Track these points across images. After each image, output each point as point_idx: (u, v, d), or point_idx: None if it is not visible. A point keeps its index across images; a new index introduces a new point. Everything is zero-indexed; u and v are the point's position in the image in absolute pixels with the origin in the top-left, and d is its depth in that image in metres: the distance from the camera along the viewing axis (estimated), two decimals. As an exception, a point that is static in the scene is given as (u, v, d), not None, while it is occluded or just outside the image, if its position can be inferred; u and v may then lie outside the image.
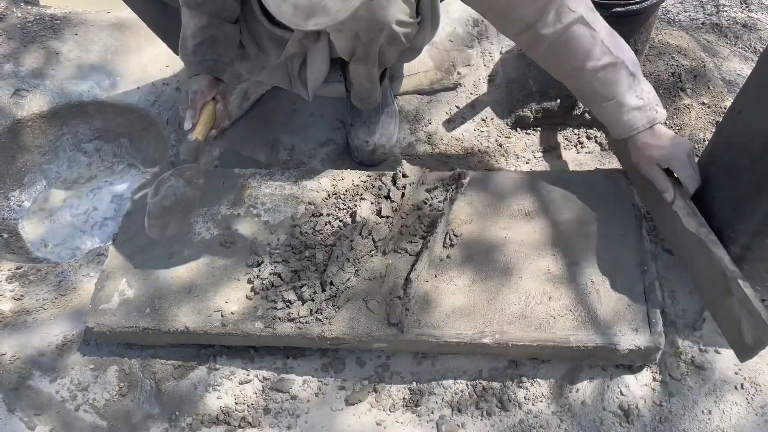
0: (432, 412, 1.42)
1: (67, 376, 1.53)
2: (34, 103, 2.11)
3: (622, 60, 1.35)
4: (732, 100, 1.82)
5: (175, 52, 1.87)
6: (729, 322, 1.28)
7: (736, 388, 1.39)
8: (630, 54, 1.38)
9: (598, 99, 1.40)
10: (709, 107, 1.82)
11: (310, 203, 1.63)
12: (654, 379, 1.41)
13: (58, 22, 2.33)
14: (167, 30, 1.80)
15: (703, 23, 2.13)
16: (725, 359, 1.42)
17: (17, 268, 1.75)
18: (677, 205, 1.37)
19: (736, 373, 1.40)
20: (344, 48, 1.53)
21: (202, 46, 1.54)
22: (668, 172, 1.41)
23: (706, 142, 1.74)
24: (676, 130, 1.79)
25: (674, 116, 1.80)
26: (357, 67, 1.62)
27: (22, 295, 1.67)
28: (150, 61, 2.18)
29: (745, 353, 1.26)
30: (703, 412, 1.36)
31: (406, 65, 1.97)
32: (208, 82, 1.54)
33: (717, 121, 1.80)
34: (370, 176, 1.66)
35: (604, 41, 1.35)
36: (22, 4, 2.42)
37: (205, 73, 1.55)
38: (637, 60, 1.40)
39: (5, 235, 1.97)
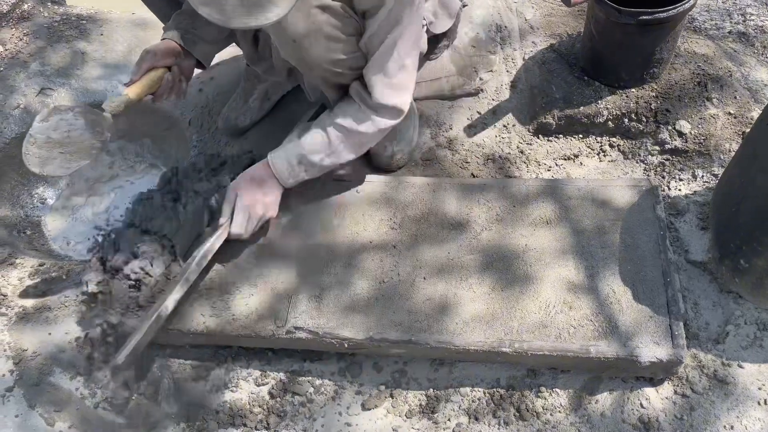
0: (449, 420, 1.41)
1: (86, 373, 1.54)
2: (59, 102, 2.14)
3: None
4: (759, 111, 1.80)
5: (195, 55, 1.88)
6: None
7: (759, 403, 1.36)
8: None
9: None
10: (735, 117, 1.80)
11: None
12: (675, 392, 1.39)
13: (84, 21, 2.36)
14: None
15: (729, 32, 2.10)
16: (748, 374, 1.40)
17: (40, 265, 1.77)
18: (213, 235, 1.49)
19: (759, 389, 1.38)
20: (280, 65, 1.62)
21: (181, 15, 1.54)
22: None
23: (732, 153, 1.72)
24: (702, 140, 1.76)
25: (700, 126, 1.78)
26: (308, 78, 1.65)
27: (44, 292, 1.69)
28: (173, 62, 2.20)
29: None
30: (725, 427, 1.34)
31: (427, 70, 1.96)
32: (167, 47, 1.50)
33: (743, 132, 1.77)
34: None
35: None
36: (48, 3, 2.45)
37: (171, 38, 1.52)
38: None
39: (28, 232, 1.99)
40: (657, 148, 1.80)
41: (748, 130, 1.76)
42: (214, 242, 1.49)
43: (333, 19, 1.37)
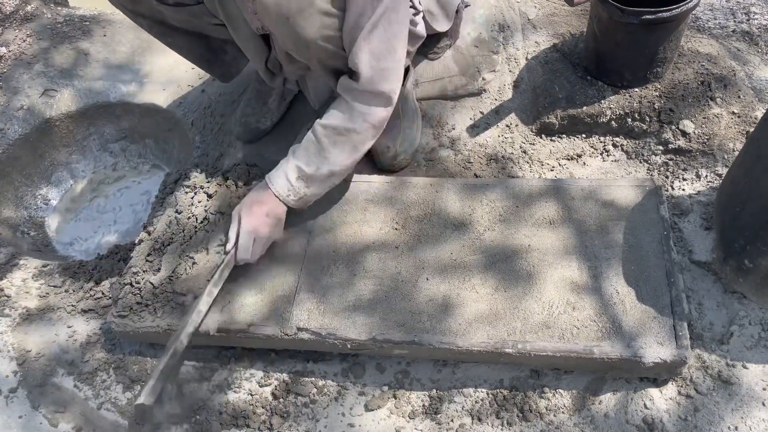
0: (452, 421, 1.41)
1: (90, 374, 1.54)
2: (63, 103, 2.14)
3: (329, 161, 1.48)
4: (763, 110, 1.79)
5: (222, 81, 1.90)
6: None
7: (763, 404, 1.36)
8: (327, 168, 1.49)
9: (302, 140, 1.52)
10: (739, 117, 1.79)
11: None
12: (679, 393, 1.38)
13: (87, 22, 2.36)
14: (211, 62, 1.83)
15: (733, 31, 2.09)
16: (753, 374, 1.39)
17: (43, 266, 1.77)
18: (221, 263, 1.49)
19: (764, 389, 1.37)
20: (288, 71, 1.62)
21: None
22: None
23: (736, 153, 1.71)
24: (705, 140, 1.76)
25: (703, 125, 1.77)
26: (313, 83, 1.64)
27: (47, 293, 1.70)
28: (176, 62, 2.20)
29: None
30: (729, 428, 1.33)
31: (429, 70, 1.96)
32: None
33: (748, 131, 1.76)
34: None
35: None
36: (52, 4, 2.46)
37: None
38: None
39: (32, 233, 2.00)
40: (660, 147, 1.80)
41: (752, 129, 1.75)
42: (222, 271, 1.49)
43: None
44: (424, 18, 1.73)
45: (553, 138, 1.89)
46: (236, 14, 1.53)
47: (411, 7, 1.57)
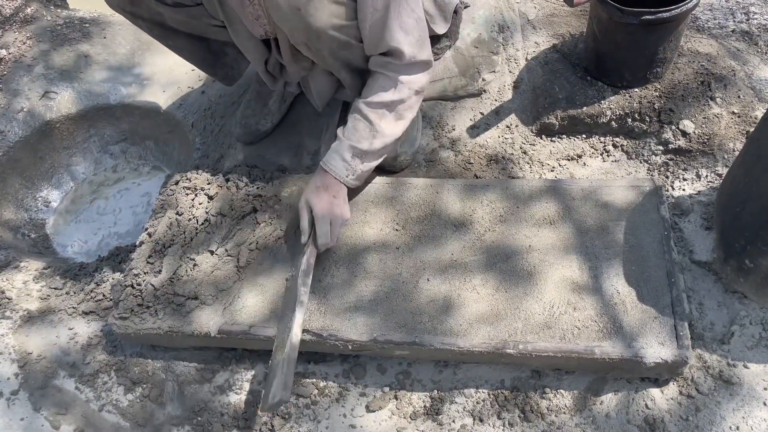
0: (453, 421, 1.41)
1: (91, 376, 1.54)
2: (63, 105, 2.15)
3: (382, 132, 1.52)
4: (763, 110, 1.79)
5: (224, 83, 1.91)
6: (270, 370, 1.37)
7: (765, 404, 1.36)
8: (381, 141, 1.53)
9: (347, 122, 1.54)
10: (739, 116, 1.79)
11: None
12: (680, 393, 1.39)
13: (87, 24, 2.37)
14: (214, 65, 1.84)
15: (732, 31, 2.09)
16: (754, 374, 1.39)
17: (44, 268, 1.77)
18: (303, 255, 1.48)
19: (765, 389, 1.37)
20: (292, 71, 1.63)
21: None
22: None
23: (736, 152, 1.71)
24: (706, 140, 1.76)
25: (703, 125, 1.77)
26: (315, 84, 1.66)
27: (48, 295, 1.70)
28: (176, 64, 2.20)
29: (263, 404, 1.33)
30: (730, 428, 1.33)
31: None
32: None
33: (747, 131, 1.76)
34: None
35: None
36: (52, 7, 2.46)
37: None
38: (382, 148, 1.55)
39: (33, 235, 2.00)
40: (661, 148, 1.80)
41: (752, 129, 1.75)
42: (309, 259, 1.49)
43: None
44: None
45: (553, 138, 1.89)
46: (236, 15, 1.53)
47: None
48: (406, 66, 1.49)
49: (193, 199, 1.70)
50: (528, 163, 1.83)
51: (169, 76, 2.20)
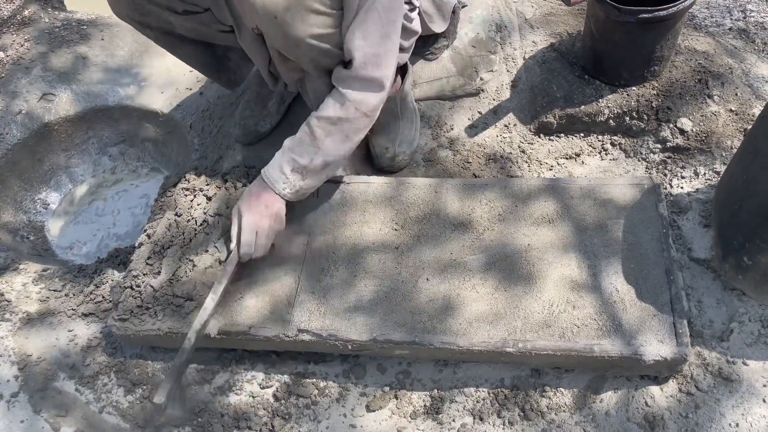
0: (453, 420, 1.41)
1: (91, 377, 1.54)
2: (61, 107, 2.15)
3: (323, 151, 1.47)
4: (760, 107, 1.80)
5: (227, 88, 1.91)
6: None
7: (764, 400, 1.36)
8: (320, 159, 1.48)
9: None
10: (736, 114, 1.79)
11: None
12: (680, 390, 1.39)
13: (85, 26, 2.37)
14: (218, 70, 1.84)
15: (729, 28, 2.09)
16: (753, 371, 1.39)
17: (43, 270, 1.77)
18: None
19: (764, 386, 1.38)
20: (285, 73, 1.59)
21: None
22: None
23: (734, 150, 1.72)
24: (703, 138, 1.76)
25: (701, 123, 1.78)
26: (312, 86, 1.62)
27: (47, 297, 1.70)
28: (174, 65, 2.21)
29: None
30: (730, 425, 1.33)
31: (427, 70, 1.96)
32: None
33: (745, 129, 1.77)
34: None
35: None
36: (50, 9, 2.46)
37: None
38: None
39: (31, 237, 2.00)
40: (659, 146, 1.80)
41: (749, 127, 1.75)
42: (226, 268, 1.49)
43: None
44: (420, 15, 1.73)
45: (552, 137, 1.89)
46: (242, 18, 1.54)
47: (407, 2, 1.57)
48: (356, 79, 1.41)
49: (191, 200, 1.70)
50: (526, 162, 1.84)
51: (167, 77, 2.20)
